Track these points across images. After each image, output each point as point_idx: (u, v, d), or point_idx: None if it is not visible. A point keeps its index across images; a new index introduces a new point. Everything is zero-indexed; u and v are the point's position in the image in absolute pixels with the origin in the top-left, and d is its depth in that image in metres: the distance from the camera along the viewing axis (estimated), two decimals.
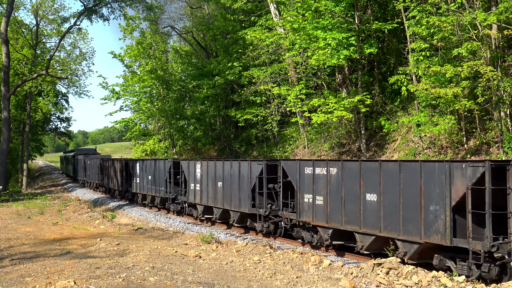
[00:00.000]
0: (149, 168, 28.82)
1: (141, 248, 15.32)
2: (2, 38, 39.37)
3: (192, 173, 23.56)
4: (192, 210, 24.31)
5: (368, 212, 13.85)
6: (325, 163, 15.52)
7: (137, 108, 46.72)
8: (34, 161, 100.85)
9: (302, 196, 16.40)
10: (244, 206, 19.58)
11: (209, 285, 10.88)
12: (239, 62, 35.99)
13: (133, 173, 31.79)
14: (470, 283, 11.21)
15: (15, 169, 67.72)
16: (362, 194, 14.01)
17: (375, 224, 13.61)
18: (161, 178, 27.03)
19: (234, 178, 20.08)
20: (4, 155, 39.93)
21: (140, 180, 30.28)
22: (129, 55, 47.07)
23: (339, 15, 24.16)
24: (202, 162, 22.79)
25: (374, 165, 13.78)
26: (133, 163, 32.13)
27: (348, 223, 14.61)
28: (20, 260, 14.09)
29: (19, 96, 57.40)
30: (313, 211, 15.86)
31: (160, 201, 27.76)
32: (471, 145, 20.70)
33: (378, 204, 13.51)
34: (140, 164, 30.50)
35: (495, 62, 19.00)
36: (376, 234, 13.64)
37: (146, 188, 29.35)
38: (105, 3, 44.09)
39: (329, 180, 15.19)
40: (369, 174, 13.85)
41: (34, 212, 27.96)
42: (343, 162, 14.88)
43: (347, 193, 14.60)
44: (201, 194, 22.66)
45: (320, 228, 15.77)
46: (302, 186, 16.40)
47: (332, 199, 15.16)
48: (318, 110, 26.09)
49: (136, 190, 31.15)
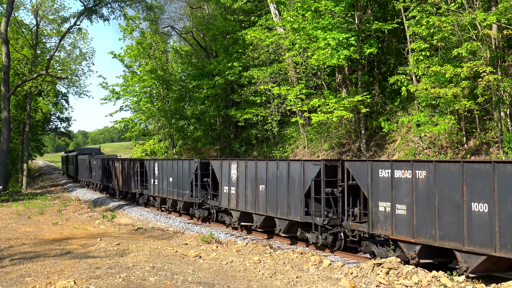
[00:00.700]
0: (170, 169, 26.22)
1: (141, 248, 15.33)
2: (2, 38, 39.38)
3: (225, 175, 20.87)
4: (223, 217, 21.70)
5: (475, 225, 11.52)
6: (409, 165, 13.17)
7: (137, 108, 46.76)
8: (34, 161, 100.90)
9: (375, 204, 14.05)
10: (294, 213, 16.90)
11: (209, 285, 10.89)
12: (239, 62, 36.00)
13: (149, 174, 29.11)
14: (470, 283, 11.21)
15: (15, 169, 67.73)
16: (466, 203, 11.73)
17: (487, 241, 11.27)
18: (185, 180, 24.40)
19: (282, 181, 17.52)
20: (4, 155, 39.94)
21: (159, 182, 27.62)
22: (129, 55, 47.11)
23: (339, 15, 24.16)
24: (239, 162, 20.13)
25: (485, 168, 11.41)
26: (150, 163, 29.29)
27: (444, 239, 12.25)
28: (20, 260, 14.09)
29: (19, 96, 57.41)
30: (392, 222, 13.55)
31: (183, 206, 25.10)
32: (471, 145, 20.70)
33: (490, 217, 11.18)
34: (159, 165, 27.80)
35: (495, 62, 19.00)
36: (488, 254, 11.29)
37: (166, 191, 26.80)
38: (105, 3, 44.11)
39: (415, 185, 12.93)
40: (476, 179, 11.54)
41: (34, 212, 27.96)
42: (435, 164, 12.47)
43: (443, 201, 12.26)
44: (237, 198, 19.97)
45: (402, 244, 13.38)
46: (375, 192, 14.10)
47: (420, 209, 12.82)
48: (318, 110, 26.10)
49: (153, 193, 28.56)
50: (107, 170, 38.90)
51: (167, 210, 27.42)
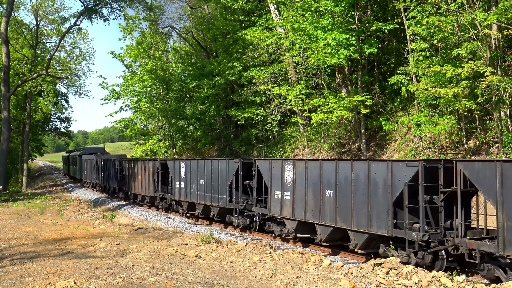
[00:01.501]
0: (201, 170, 23.14)
1: (141, 248, 15.32)
2: (2, 38, 39.38)
3: (276, 177, 17.90)
4: (271, 226, 18.91)
5: None
6: None
7: (137, 108, 46.77)
8: (34, 161, 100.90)
9: (509, 218, 11.20)
10: (378, 225, 13.89)
11: (209, 285, 10.88)
12: (239, 62, 36.01)
13: (174, 176, 25.80)
14: (470, 283, 11.21)
15: (15, 169, 67.73)
16: None
17: None
18: (221, 183, 21.36)
19: (358, 186, 14.61)
20: (4, 155, 39.93)
21: (186, 185, 24.47)
22: (129, 55, 47.12)
23: (339, 15, 24.16)
24: (296, 163, 17.16)
25: None
26: (174, 164, 26.02)
27: None
28: (20, 260, 14.09)
29: (19, 96, 57.41)
30: None
31: (218, 213, 22.12)
32: (471, 145, 20.70)
33: None
34: (186, 165, 24.56)
35: (495, 62, 19.01)
36: None
37: (195, 195, 23.71)
38: (105, 3, 44.09)
39: None
40: None
41: (34, 212, 27.96)
42: None
43: None
44: (293, 205, 17.02)
45: None
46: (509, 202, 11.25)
47: None
48: (318, 110, 26.11)
49: (179, 197, 25.30)
50: (118, 171, 35.54)
51: (195, 217, 24.57)
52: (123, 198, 35.17)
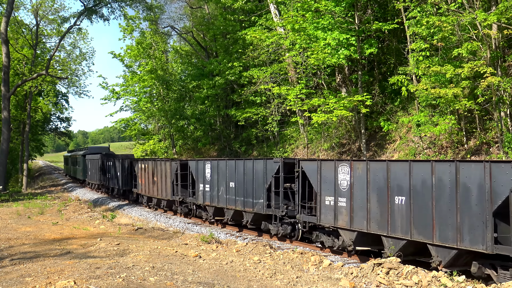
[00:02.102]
0: (232, 171, 20.62)
1: (141, 248, 15.33)
2: (2, 38, 39.39)
3: (328, 180, 15.58)
4: (319, 236, 16.56)
5: None
6: None
7: (137, 108, 46.79)
8: (34, 161, 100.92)
9: None
10: (471, 240, 11.57)
11: (209, 285, 10.88)
12: (239, 62, 36.03)
13: (197, 178, 23.30)
14: (470, 283, 11.21)
15: (15, 169, 67.74)
16: None
17: None
18: (257, 186, 18.91)
19: (441, 192, 12.32)
20: (4, 155, 39.94)
21: (212, 188, 21.98)
22: (129, 55, 47.14)
23: (339, 15, 24.17)
24: (354, 164, 14.77)
25: None
26: (198, 164, 23.40)
27: None
28: (20, 260, 14.09)
29: (19, 96, 57.43)
30: None
31: (253, 219, 19.54)
32: (471, 145, 20.70)
33: None
34: (213, 166, 22.04)
35: (495, 62, 19.01)
36: None
37: (223, 199, 21.20)
38: (105, 3, 44.13)
39: None
40: None
41: (34, 212, 27.97)
42: None
43: None
44: (351, 213, 14.74)
45: None
46: None
47: None
48: (318, 110, 26.11)
49: (203, 201, 22.70)
50: (128, 173, 33.27)
51: (223, 223, 22.14)
52: (134, 201, 32.85)
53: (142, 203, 31.11)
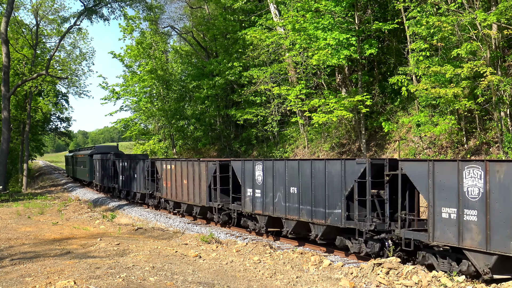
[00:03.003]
0: (292, 174, 17.15)
1: (141, 248, 15.33)
2: (2, 38, 39.39)
3: (448, 189, 12.24)
4: (426, 257, 13.09)
5: None
6: None
7: (137, 108, 46.80)
8: (34, 161, 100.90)
9: None
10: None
11: (209, 285, 10.88)
12: (239, 62, 36.04)
13: (244, 181, 19.83)
14: (470, 283, 11.21)
15: (15, 169, 67.74)
16: None
17: None
18: (331, 192, 15.55)
19: None
20: (4, 155, 39.94)
21: (264, 194, 18.59)
22: (129, 55, 47.13)
23: (339, 15, 24.17)
24: (491, 166, 11.42)
25: None
26: (245, 165, 19.83)
27: None
28: (20, 260, 14.09)
29: (19, 96, 57.43)
30: None
31: (324, 233, 16.04)
32: (471, 145, 20.71)
33: None
34: (266, 167, 18.53)
35: (495, 62, 19.01)
36: None
37: (281, 208, 17.62)
38: (105, 3, 44.11)
39: None
40: None
41: (34, 212, 27.97)
42: None
43: None
44: (487, 230, 11.36)
45: None
46: None
47: None
48: (318, 110, 26.12)
49: (252, 209, 19.21)
50: (148, 175, 29.32)
51: (282, 236, 18.43)
52: (155, 207, 29.43)
53: (166, 208, 27.51)
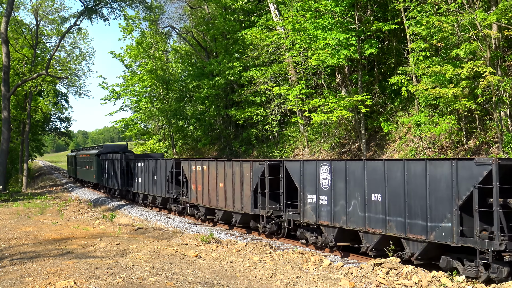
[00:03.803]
0: (375, 177, 13.98)
1: (141, 248, 15.33)
2: (2, 38, 39.39)
3: None
4: None
5: None
6: None
7: (137, 108, 46.82)
8: (34, 161, 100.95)
9: None
10: None
11: (209, 285, 10.88)
12: (239, 62, 36.05)
13: (302, 185, 16.60)
14: (470, 283, 11.21)
15: (15, 169, 67.75)
16: None
17: None
18: (434, 200, 12.37)
19: None
20: (4, 155, 39.94)
21: (332, 201, 15.43)
22: (129, 55, 47.17)
23: (339, 15, 24.18)
24: None
25: None
26: (306, 166, 16.57)
27: None
28: (20, 260, 14.09)
29: (19, 96, 57.44)
30: None
31: (423, 252, 12.74)
32: (471, 145, 20.71)
33: None
34: (335, 169, 15.39)
35: (495, 62, 19.01)
36: None
37: (357, 218, 14.52)
38: (105, 3, 44.12)
39: None
40: None
41: (34, 212, 27.97)
42: None
43: None
44: None
45: None
46: None
47: None
48: (318, 110, 26.12)
49: (316, 218, 16.00)
50: (172, 177, 26.06)
51: (360, 253, 15.08)
52: (179, 213, 26.34)
53: (194, 215, 24.27)
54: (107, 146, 43.80)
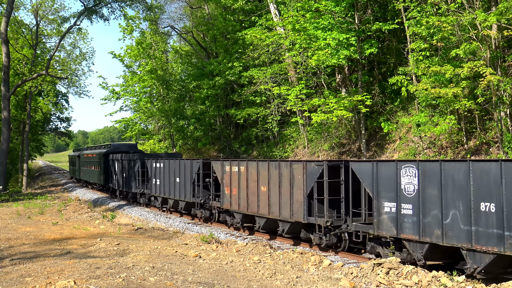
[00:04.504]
0: (482, 182, 11.46)
1: (141, 248, 15.33)
2: (2, 38, 39.39)
3: None
4: None
5: None
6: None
7: (137, 108, 46.83)
8: (34, 161, 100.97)
9: None
10: None
11: (209, 285, 10.89)
12: (239, 62, 36.06)
13: (376, 191, 14.00)
14: (470, 283, 11.21)
15: (15, 169, 67.76)
16: None
17: None
18: None
19: None
20: (4, 155, 39.94)
21: (418, 210, 12.80)
22: (129, 55, 47.20)
23: (339, 15, 24.18)
24: None
25: None
26: (382, 168, 13.97)
27: None
28: (20, 260, 14.09)
29: (19, 96, 57.45)
30: None
31: None
32: (471, 145, 20.71)
33: None
34: (422, 171, 12.78)
35: (495, 62, 19.01)
36: None
37: (456, 232, 11.97)
38: (105, 3, 44.12)
39: None
40: None
41: (34, 212, 27.97)
42: None
43: None
44: None
45: None
46: None
47: None
48: (318, 110, 26.13)
49: (398, 231, 13.38)
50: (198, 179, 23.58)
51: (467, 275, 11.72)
52: (205, 219, 23.73)
53: (226, 222, 21.70)
54: (115, 145, 40.80)
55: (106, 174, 38.59)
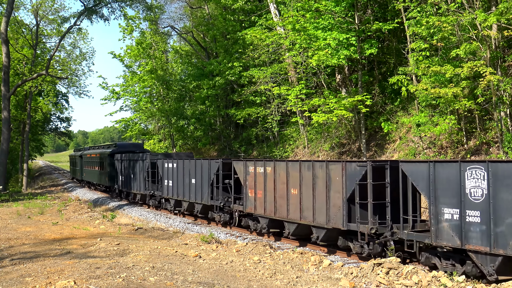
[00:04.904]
0: None
1: (141, 248, 15.33)
2: (2, 38, 39.39)
3: None
4: None
5: None
6: None
7: (137, 108, 46.83)
8: (34, 161, 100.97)
9: None
10: None
11: (209, 285, 10.89)
12: (239, 62, 36.06)
13: (434, 194, 12.48)
14: (470, 283, 11.21)
15: (15, 169, 67.76)
16: None
17: None
18: None
19: None
20: (4, 155, 39.94)
21: (486, 218, 11.34)
22: (129, 55, 47.18)
23: (339, 15, 24.18)
24: None
25: None
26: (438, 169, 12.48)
27: None
28: (20, 260, 14.10)
29: (19, 96, 57.45)
30: None
31: None
32: (471, 145, 20.71)
33: None
34: (493, 174, 11.23)
35: (495, 62, 19.01)
36: None
37: None
38: (105, 3, 44.11)
39: None
40: None
41: (34, 212, 27.97)
42: None
43: None
44: None
45: None
46: None
47: None
48: (318, 110, 26.13)
49: (463, 242, 11.79)
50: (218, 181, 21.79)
51: None
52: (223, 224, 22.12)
53: (249, 228, 20.18)
54: (121, 145, 38.78)
55: (111, 175, 36.96)
